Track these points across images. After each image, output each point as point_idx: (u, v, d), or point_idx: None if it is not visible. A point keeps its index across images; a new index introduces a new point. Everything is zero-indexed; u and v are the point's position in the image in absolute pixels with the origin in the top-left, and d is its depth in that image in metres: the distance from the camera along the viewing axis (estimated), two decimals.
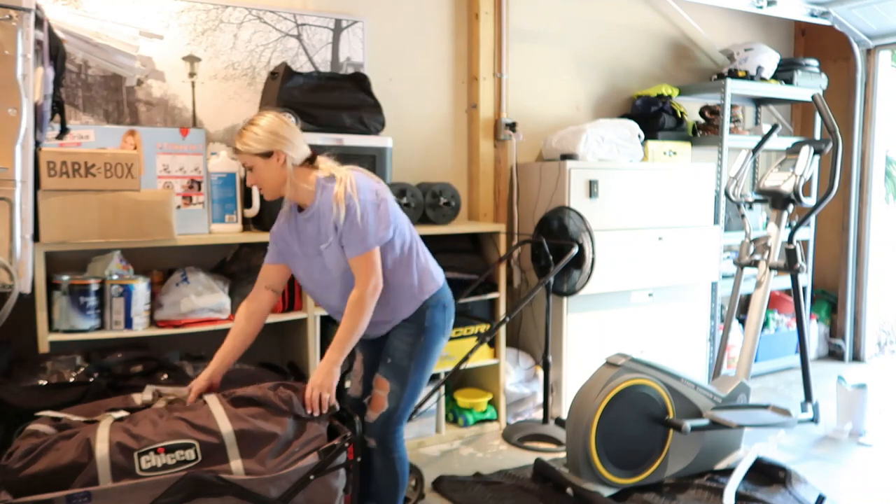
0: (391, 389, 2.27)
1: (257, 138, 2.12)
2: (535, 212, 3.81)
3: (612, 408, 2.80)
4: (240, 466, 1.92)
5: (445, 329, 2.35)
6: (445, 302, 2.34)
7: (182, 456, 1.89)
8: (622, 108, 4.44)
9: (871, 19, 4.57)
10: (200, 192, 2.96)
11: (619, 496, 2.84)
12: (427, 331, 2.28)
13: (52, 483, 1.79)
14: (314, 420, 2.06)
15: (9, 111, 1.87)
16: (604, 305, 3.82)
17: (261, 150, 2.12)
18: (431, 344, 2.30)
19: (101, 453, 1.83)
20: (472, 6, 3.86)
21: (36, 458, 1.81)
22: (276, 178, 2.16)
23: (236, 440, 1.94)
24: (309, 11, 3.46)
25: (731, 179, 3.38)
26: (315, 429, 2.06)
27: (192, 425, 1.94)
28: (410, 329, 2.27)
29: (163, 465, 1.87)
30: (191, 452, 1.90)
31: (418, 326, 2.27)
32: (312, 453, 2.01)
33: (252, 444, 1.95)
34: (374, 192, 2.17)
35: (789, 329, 4.81)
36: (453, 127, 3.93)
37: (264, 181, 2.18)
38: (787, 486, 2.94)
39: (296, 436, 2.02)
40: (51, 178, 2.44)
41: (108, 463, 1.82)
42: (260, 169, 2.15)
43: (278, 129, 2.14)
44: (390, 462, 2.33)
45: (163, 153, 2.87)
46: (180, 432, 1.91)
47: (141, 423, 1.95)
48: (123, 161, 2.56)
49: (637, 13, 4.46)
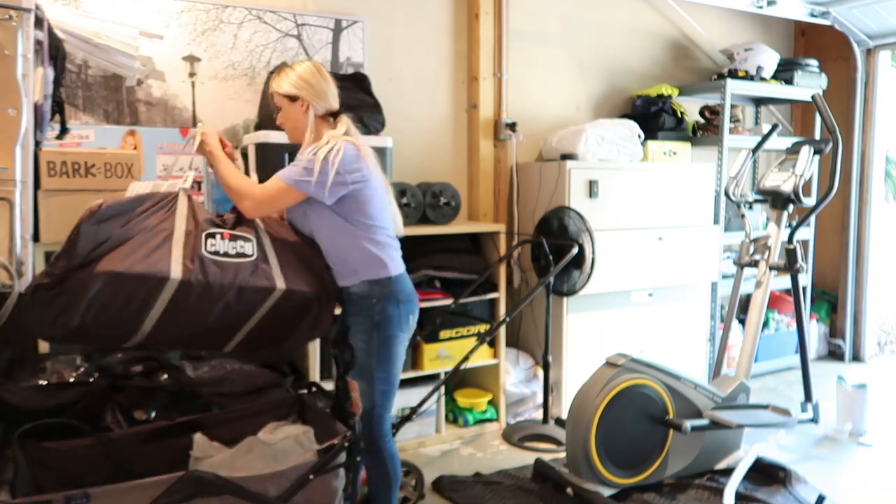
0: (361, 389, 2.25)
1: (289, 80, 2.23)
2: (535, 212, 3.81)
3: (612, 408, 2.80)
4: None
5: (402, 324, 2.31)
6: (401, 297, 2.29)
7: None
8: (622, 108, 4.44)
9: (871, 19, 4.57)
10: (200, 192, 2.96)
11: (619, 496, 2.84)
12: (379, 326, 2.26)
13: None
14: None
15: (9, 111, 1.87)
16: (604, 305, 3.82)
17: (288, 91, 2.24)
18: (388, 338, 2.27)
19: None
20: (472, 6, 3.86)
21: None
22: (298, 123, 2.26)
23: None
24: (309, 11, 3.46)
25: (731, 179, 3.38)
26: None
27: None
28: (363, 326, 2.26)
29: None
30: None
31: (370, 322, 2.25)
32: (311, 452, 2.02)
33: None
34: (354, 160, 2.17)
35: (789, 329, 4.81)
36: (453, 127, 3.93)
37: (287, 122, 2.29)
38: (787, 486, 2.94)
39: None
40: (51, 178, 2.44)
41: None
42: (286, 110, 2.27)
43: (309, 78, 2.24)
44: (380, 460, 2.33)
45: (163, 153, 2.88)
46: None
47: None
48: (123, 161, 2.56)
49: (637, 13, 4.46)
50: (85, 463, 2.09)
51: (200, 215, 1.99)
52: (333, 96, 2.29)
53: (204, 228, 1.96)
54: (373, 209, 2.26)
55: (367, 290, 2.25)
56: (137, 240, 1.86)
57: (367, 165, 2.22)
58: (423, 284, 3.40)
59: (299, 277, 2.11)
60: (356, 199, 2.21)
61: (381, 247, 2.28)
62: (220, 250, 1.95)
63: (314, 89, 2.24)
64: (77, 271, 1.82)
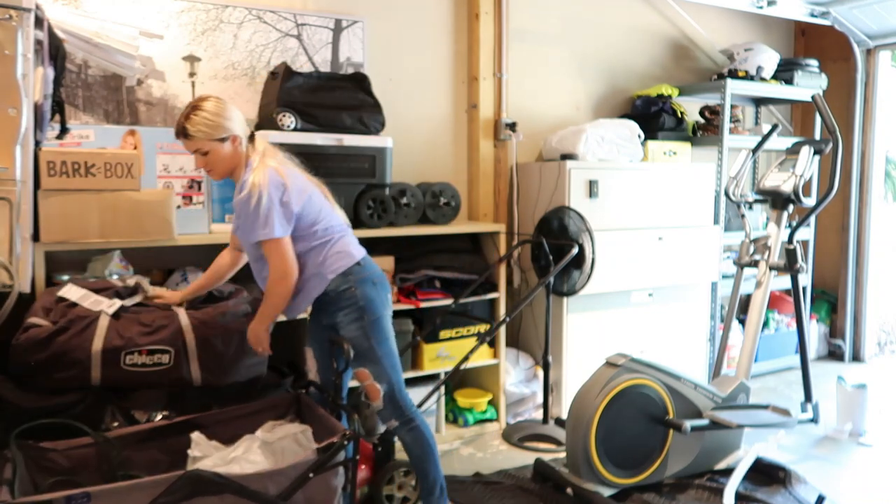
0: (373, 373, 2.33)
1: (212, 124, 2.19)
2: (535, 212, 3.81)
3: (612, 408, 2.80)
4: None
5: (385, 302, 2.40)
6: (374, 279, 2.37)
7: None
8: (622, 108, 4.44)
9: (871, 19, 4.57)
10: (200, 192, 2.96)
11: (619, 496, 2.84)
12: (366, 309, 2.32)
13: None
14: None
15: (9, 111, 1.88)
16: (604, 305, 3.82)
17: (219, 134, 2.21)
18: (377, 318, 2.35)
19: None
20: (472, 6, 3.86)
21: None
22: (232, 160, 2.27)
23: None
24: (309, 11, 3.47)
25: (731, 179, 3.38)
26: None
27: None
28: (351, 315, 2.31)
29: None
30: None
31: (356, 308, 2.31)
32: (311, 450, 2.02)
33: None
34: (281, 186, 2.22)
35: (789, 329, 4.81)
36: (453, 127, 3.93)
37: (217, 164, 2.26)
38: (787, 486, 2.94)
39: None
40: (51, 178, 2.44)
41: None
42: (216, 152, 2.23)
43: (229, 113, 2.25)
44: (415, 430, 2.41)
45: (163, 153, 2.87)
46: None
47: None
48: (123, 161, 2.56)
49: (637, 13, 4.46)
50: (82, 463, 2.09)
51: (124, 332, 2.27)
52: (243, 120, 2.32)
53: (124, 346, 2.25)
54: (316, 213, 2.31)
55: (343, 282, 2.31)
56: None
57: (289, 182, 2.24)
58: (423, 284, 3.40)
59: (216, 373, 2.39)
60: (301, 213, 2.27)
61: (340, 241, 2.35)
62: (138, 363, 2.26)
63: (238, 122, 2.27)
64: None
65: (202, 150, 2.22)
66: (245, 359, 2.43)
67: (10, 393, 2.19)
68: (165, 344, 2.29)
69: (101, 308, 2.30)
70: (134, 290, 2.49)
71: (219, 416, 2.32)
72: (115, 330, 2.26)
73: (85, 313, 2.27)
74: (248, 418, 2.33)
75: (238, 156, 2.27)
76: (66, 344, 2.20)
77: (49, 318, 2.26)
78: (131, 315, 2.34)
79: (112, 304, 2.32)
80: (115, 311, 2.30)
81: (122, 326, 2.27)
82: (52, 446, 2.09)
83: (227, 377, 2.40)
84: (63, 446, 2.10)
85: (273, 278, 2.24)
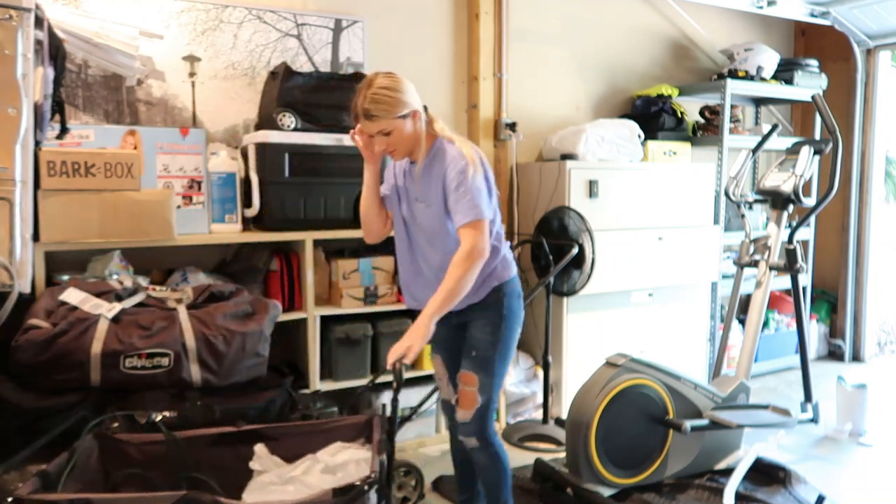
0: (481, 382, 2.23)
1: (393, 100, 2.06)
2: (535, 212, 3.81)
3: (612, 408, 2.80)
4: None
5: (521, 318, 2.34)
6: (519, 291, 2.33)
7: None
8: (622, 108, 4.44)
9: (871, 19, 4.57)
10: (200, 192, 2.96)
11: (619, 496, 2.84)
12: (506, 319, 2.26)
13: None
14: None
15: (9, 111, 1.88)
16: (604, 305, 3.82)
17: (401, 111, 2.08)
18: (511, 332, 2.29)
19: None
20: (472, 6, 3.86)
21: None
22: (415, 137, 2.14)
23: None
24: (309, 11, 3.46)
25: (731, 179, 3.38)
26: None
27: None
28: (490, 319, 2.25)
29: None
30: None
31: (497, 315, 2.25)
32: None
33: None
34: (487, 164, 2.18)
35: (789, 329, 4.81)
36: (453, 127, 3.93)
37: (401, 143, 2.13)
38: (787, 486, 2.94)
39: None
40: (51, 178, 2.44)
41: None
42: (399, 131, 2.10)
43: (406, 86, 2.11)
44: (493, 455, 2.32)
45: (163, 153, 2.87)
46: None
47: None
48: (123, 161, 2.56)
49: (637, 13, 4.46)
50: (154, 458, 2.12)
51: (124, 336, 2.29)
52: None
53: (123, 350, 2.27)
54: (496, 210, 2.24)
55: (500, 290, 2.27)
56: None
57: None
58: None
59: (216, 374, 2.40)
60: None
61: (506, 249, 2.32)
62: (138, 366, 2.29)
63: (415, 94, 2.13)
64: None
65: (385, 130, 2.08)
66: (245, 359, 2.42)
67: (10, 393, 2.20)
68: (165, 346, 2.30)
69: (100, 312, 2.30)
70: (134, 291, 2.49)
71: (290, 429, 2.26)
72: (115, 334, 2.27)
73: (85, 316, 2.28)
74: (318, 435, 2.25)
75: (418, 132, 2.13)
76: (66, 346, 2.21)
77: (49, 320, 2.26)
78: (131, 317, 2.35)
79: (112, 308, 2.33)
80: (114, 314, 2.31)
81: (121, 330, 2.29)
82: (128, 438, 2.12)
83: (228, 378, 2.40)
84: (137, 440, 2.12)
85: (468, 257, 2.05)
